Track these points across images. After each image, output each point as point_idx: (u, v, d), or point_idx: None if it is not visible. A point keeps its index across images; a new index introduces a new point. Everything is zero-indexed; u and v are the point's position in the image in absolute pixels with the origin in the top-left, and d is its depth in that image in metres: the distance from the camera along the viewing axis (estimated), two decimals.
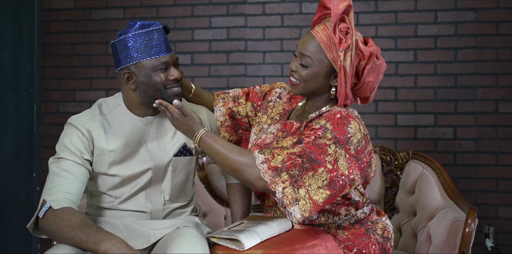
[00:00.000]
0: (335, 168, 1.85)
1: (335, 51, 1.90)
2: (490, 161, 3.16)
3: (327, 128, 1.88)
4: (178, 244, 1.86)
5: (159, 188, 2.12)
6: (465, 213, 2.31)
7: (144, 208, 2.10)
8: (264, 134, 2.10)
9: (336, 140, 1.86)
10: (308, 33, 1.96)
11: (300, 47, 1.95)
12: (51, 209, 1.86)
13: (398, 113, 3.26)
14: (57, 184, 1.93)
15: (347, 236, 2.01)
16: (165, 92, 2.02)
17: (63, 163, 1.97)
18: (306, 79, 1.95)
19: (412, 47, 3.24)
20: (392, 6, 3.26)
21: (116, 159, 2.05)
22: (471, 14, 3.19)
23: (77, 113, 3.43)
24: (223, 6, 3.41)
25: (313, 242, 1.94)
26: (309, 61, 1.93)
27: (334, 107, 1.99)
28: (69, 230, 1.80)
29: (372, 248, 2.01)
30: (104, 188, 2.08)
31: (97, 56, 3.54)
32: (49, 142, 3.59)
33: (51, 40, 3.60)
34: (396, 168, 2.79)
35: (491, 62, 3.17)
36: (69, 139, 2.02)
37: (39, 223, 1.89)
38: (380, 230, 2.07)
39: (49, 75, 3.60)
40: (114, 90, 3.52)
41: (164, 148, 2.11)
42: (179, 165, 2.13)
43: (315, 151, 1.86)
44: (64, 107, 3.58)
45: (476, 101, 3.18)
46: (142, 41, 1.99)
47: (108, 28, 3.53)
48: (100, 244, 1.76)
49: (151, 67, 1.99)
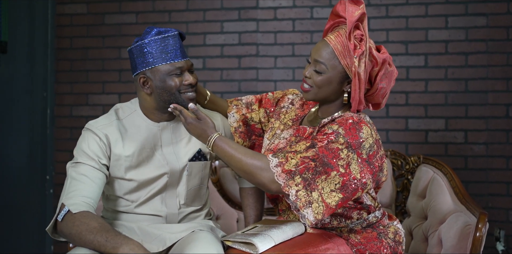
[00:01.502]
0: (347, 172, 1.88)
1: (349, 58, 1.93)
2: (501, 165, 3.17)
3: (340, 133, 1.91)
4: (194, 247, 1.89)
5: (175, 192, 2.15)
6: (476, 217, 2.32)
7: (159, 212, 2.13)
8: (277, 139, 2.13)
9: (348, 144, 1.89)
10: (322, 41, 1.99)
11: (314, 54, 1.98)
12: (69, 212, 1.90)
13: (409, 117, 3.27)
14: (75, 188, 1.96)
15: (359, 240, 2.03)
16: (180, 96, 2.06)
17: (81, 167, 2.01)
18: (320, 85, 1.98)
19: (423, 52, 3.26)
20: (403, 11, 3.28)
21: (132, 164, 2.09)
22: (482, 19, 3.20)
23: (90, 117, 3.54)
24: (235, 11, 3.44)
25: (326, 245, 1.97)
26: (323, 67, 1.96)
27: (347, 112, 2.02)
28: (88, 233, 1.84)
29: (384, 252, 2.03)
30: (120, 192, 2.11)
31: (110, 61, 3.58)
32: (62, 145, 3.63)
33: (64, 45, 3.64)
34: (407, 172, 2.81)
35: (502, 67, 3.18)
36: (87, 144, 2.05)
37: (58, 226, 1.93)
38: (392, 234, 2.10)
39: (63, 79, 3.65)
40: (126, 94, 3.56)
41: (179, 153, 2.14)
42: (194, 169, 2.16)
43: (327, 155, 1.88)
44: (77, 110, 3.62)
45: (487, 106, 3.19)
46: (157, 47, 2.03)
47: (121, 33, 3.57)
48: (119, 248, 1.80)
49: (166, 72, 2.03)
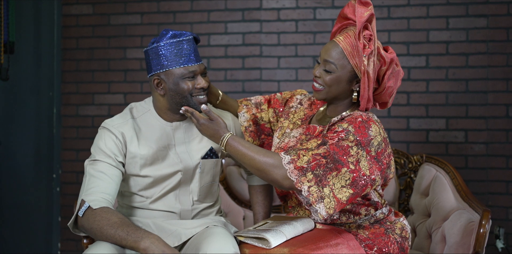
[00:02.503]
0: (357, 168, 1.95)
1: (358, 57, 2.00)
2: (501, 164, 3.23)
3: (350, 130, 1.97)
4: (210, 242, 1.95)
5: (188, 189, 2.22)
6: (479, 214, 2.38)
7: (173, 209, 2.19)
8: (287, 138, 2.20)
9: (358, 142, 1.96)
10: (332, 42, 2.05)
11: (324, 54, 2.04)
12: (90, 208, 1.97)
13: (411, 117, 3.33)
14: (94, 185, 2.03)
15: (368, 236, 2.09)
16: (191, 99, 2.12)
17: (98, 165, 2.07)
18: (330, 84, 2.05)
19: (424, 53, 3.32)
20: (405, 12, 3.34)
21: (147, 162, 2.15)
22: (482, 21, 3.26)
23: (96, 116, 3.58)
24: (238, 12, 3.49)
25: (336, 241, 2.02)
26: (332, 67, 2.03)
27: (355, 111, 2.08)
28: (109, 228, 1.90)
29: (391, 247, 2.09)
30: (135, 188, 2.17)
31: (116, 61, 3.63)
32: (68, 144, 3.67)
33: (70, 45, 3.69)
34: (410, 171, 2.86)
35: (501, 67, 3.24)
36: (104, 142, 2.12)
37: (79, 221, 2.00)
38: (399, 230, 2.15)
39: (69, 79, 3.69)
40: (132, 93, 3.60)
41: (192, 152, 2.21)
42: (206, 167, 2.23)
43: (338, 152, 1.95)
44: (83, 110, 3.67)
45: (487, 106, 3.25)
46: (172, 50, 2.09)
47: (126, 33, 3.62)
48: (140, 242, 1.85)
49: (179, 75, 2.09)
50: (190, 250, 2.06)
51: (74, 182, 3.66)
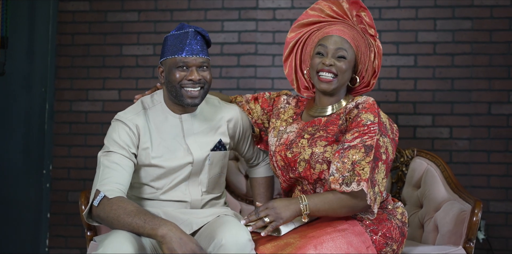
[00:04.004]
0: (387, 156, 2.14)
1: (360, 46, 2.25)
2: (483, 159, 3.41)
3: (375, 121, 2.13)
4: (226, 230, 2.00)
5: (197, 180, 2.28)
6: (470, 204, 2.53)
7: (184, 198, 2.25)
8: (284, 134, 2.31)
9: (380, 132, 2.12)
10: (334, 35, 2.25)
11: (334, 44, 2.23)
12: (106, 198, 2.02)
13: (399, 114, 3.48)
14: (108, 175, 2.09)
15: (372, 221, 2.19)
16: (180, 91, 2.17)
17: (112, 156, 2.13)
18: (345, 70, 2.22)
19: (413, 53, 3.47)
20: (395, 14, 3.48)
21: (158, 153, 2.21)
22: (467, 23, 3.44)
23: (90, 112, 3.63)
24: (235, 11, 3.59)
25: (342, 226, 2.13)
26: (345, 53, 2.21)
27: (363, 97, 2.24)
28: (126, 216, 1.96)
29: (394, 232, 2.21)
30: (147, 179, 2.23)
31: (111, 57, 3.68)
32: (61, 140, 3.70)
33: (65, 41, 3.72)
34: (402, 164, 3.00)
35: (485, 67, 3.42)
36: (118, 134, 2.18)
37: (94, 211, 2.05)
38: (400, 215, 2.27)
39: (63, 75, 3.72)
40: (126, 90, 3.66)
41: (201, 144, 2.27)
42: (215, 159, 2.30)
43: (375, 151, 2.10)
44: (77, 106, 3.71)
45: (470, 104, 3.42)
46: (174, 40, 2.19)
47: (123, 31, 3.67)
48: (158, 229, 1.91)
49: (172, 64, 2.18)
50: (202, 238, 2.11)
51: (66, 178, 3.69)
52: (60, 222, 3.67)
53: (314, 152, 2.19)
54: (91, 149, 3.66)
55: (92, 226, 2.58)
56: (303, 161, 2.21)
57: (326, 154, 2.17)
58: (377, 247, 2.15)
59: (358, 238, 2.12)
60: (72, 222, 3.66)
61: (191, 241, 1.93)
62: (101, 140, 3.59)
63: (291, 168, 2.26)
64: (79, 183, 3.67)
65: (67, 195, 3.68)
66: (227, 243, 1.96)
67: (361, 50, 2.26)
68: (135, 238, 1.99)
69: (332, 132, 2.22)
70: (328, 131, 2.22)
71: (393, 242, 2.19)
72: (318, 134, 2.23)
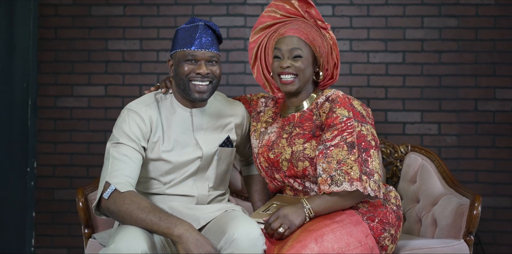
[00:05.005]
0: (375, 141, 2.18)
1: (315, 40, 2.26)
2: (471, 155, 3.46)
3: (350, 116, 2.15)
4: (237, 224, 1.99)
5: (204, 176, 2.26)
6: (468, 198, 2.57)
7: (191, 193, 2.22)
8: (266, 135, 2.33)
9: (359, 122, 2.16)
10: (286, 36, 2.27)
11: (286, 46, 2.25)
12: (117, 191, 1.96)
13: (388, 110, 3.51)
14: (118, 167, 2.03)
15: (368, 208, 2.23)
16: (188, 84, 2.16)
17: (122, 148, 2.08)
18: (303, 68, 2.24)
19: (401, 50, 3.50)
20: (383, 11, 3.51)
21: (168, 147, 2.17)
22: (453, 21, 3.49)
23: (75, 108, 3.54)
24: (223, 6, 3.55)
25: (340, 217, 2.15)
26: (299, 51, 2.24)
27: (331, 90, 2.28)
28: (140, 212, 1.91)
29: (390, 217, 2.24)
30: (154, 174, 2.19)
31: (97, 52, 3.59)
32: (45, 136, 3.60)
33: (48, 35, 3.62)
34: (396, 160, 3.03)
35: (471, 64, 3.48)
36: (128, 125, 2.12)
37: (103, 203, 1.99)
38: (394, 199, 2.32)
39: (46, 69, 3.62)
40: (113, 85, 3.58)
41: (209, 139, 2.25)
42: (223, 155, 2.28)
43: (361, 142, 2.13)
44: (62, 101, 3.61)
45: (458, 100, 3.48)
46: (184, 34, 2.17)
47: (108, 25, 3.59)
48: (174, 228, 1.87)
49: (181, 57, 2.16)
50: (211, 234, 2.09)
51: (51, 175, 3.59)
52: (46, 221, 3.57)
53: (293, 151, 2.21)
54: (77, 146, 3.57)
55: (90, 223, 2.53)
56: (285, 161, 2.24)
57: (306, 151, 2.20)
58: (375, 234, 2.18)
59: (357, 227, 2.14)
60: (58, 221, 3.56)
61: (207, 243, 1.91)
62: (87, 137, 3.57)
63: (275, 168, 2.29)
64: (66, 180, 3.57)
65: (53, 193, 3.57)
66: (239, 237, 1.95)
67: (318, 44, 2.27)
68: (147, 235, 1.94)
69: (308, 128, 2.25)
70: (304, 127, 2.25)
71: (390, 227, 2.22)
72: (295, 132, 2.26)
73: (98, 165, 3.51)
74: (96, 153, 3.56)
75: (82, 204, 2.53)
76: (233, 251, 1.94)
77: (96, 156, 3.56)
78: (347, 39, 3.51)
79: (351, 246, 2.06)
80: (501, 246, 3.44)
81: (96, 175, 3.51)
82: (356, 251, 2.07)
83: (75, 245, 3.53)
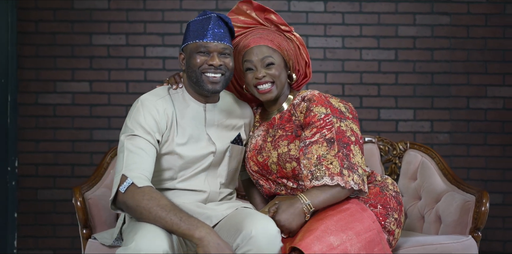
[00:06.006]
0: (355, 136, 2.18)
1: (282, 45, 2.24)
2: (463, 152, 3.46)
3: (328, 112, 2.16)
4: (254, 221, 1.92)
5: (216, 172, 2.19)
6: (472, 195, 2.55)
7: (203, 188, 2.15)
8: (253, 139, 2.34)
9: (338, 118, 2.16)
10: (253, 47, 2.23)
11: (255, 56, 2.21)
12: (134, 185, 1.88)
13: (381, 108, 3.48)
14: (134, 161, 1.94)
15: (368, 196, 2.22)
16: (200, 76, 2.10)
17: (138, 141, 1.99)
18: (278, 74, 2.22)
19: (393, 47, 3.48)
20: (375, 7, 3.48)
21: (182, 141, 2.10)
22: (445, 18, 3.48)
23: (58, 105, 3.39)
24: (212, 0, 3.46)
25: (345, 206, 2.16)
26: (270, 59, 2.21)
27: (307, 90, 2.27)
28: (160, 210, 1.82)
29: (391, 202, 2.24)
30: (166, 168, 2.11)
31: (81, 47, 3.45)
32: (27, 134, 3.44)
33: (28, 29, 3.45)
34: (395, 157, 2.99)
35: (462, 62, 3.48)
36: (143, 117, 2.03)
37: (120, 197, 1.90)
38: (391, 185, 2.32)
39: (27, 65, 3.45)
40: (98, 81, 3.45)
41: (221, 135, 2.19)
42: (234, 152, 2.23)
43: (341, 138, 2.13)
44: (44, 98, 3.45)
45: (450, 98, 3.47)
46: (196, 26, 2.12)
47: (92, 19, 3.45)
48: (195, 230, 1.80)
49: (193, 49, 2.10)
50: (224, 232, 2.01)
51: (33, 174, 3.43)
52: (29, 222, 3.41)
53: (279, 153, 2.21)
54: (61, 144, 3.42)
55: (88, 223, 2.42)
56: (273, 164, 2.24)
57: (291, 152, 2.20)
58: (380, 219, 2.18)
59: (363, 214, 2.14)
60: (42, 222, 3.41)
61: (228, 247, 1.84)
62: (72, 134, 3.42)
63: (266, 171, 2.29)
64: (49, 180, 3.42)
65: (36, 193, 3.42)
66: (258, 234, 1.89)
67: (285, 47, 2.26)
68: (167, 234, 1.85)
69: (290, 129, 2.25)
70: (286, 129, 2.26)
71: (393, 211, 2.22)
72: (278, 135, 2.26)
73: (84, 163, 3.40)
74: (81, 152, 3.42)
75: (80, 204, 2.40)
76: (251, 249, 1.88)
77: (82, 155, 3.43)
78: (339, 36, 3.47)
79: (361, 233, 2.07)
80: (493, 242, 3.45)
81: (82, 174, 3.38)
82: (365, 236, 2.07)
83: (60, 246, 3.39)
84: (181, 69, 2.20)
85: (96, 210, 2.52)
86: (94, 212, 2.50)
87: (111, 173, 2.70)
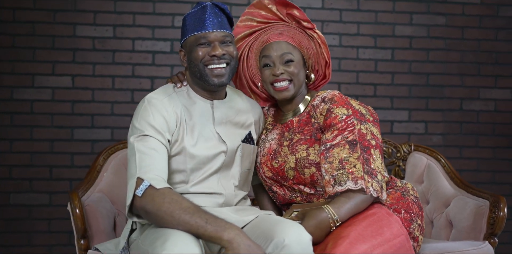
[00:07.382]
0: (376, 140, 2.08)
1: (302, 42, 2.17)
2: (455, 154, 3.45)
3: (350, 114, 2.07)
4: (286, 229, 1.81)
5: (229, 173, 2.08)
6: (486, 199, 2.51)
7: (218, 190, 2.03)
8: (267, 143, 2.23)
9: (359, 120, 2.07)
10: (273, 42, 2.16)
11: (275, 52, 2.13)
12: (152, 188, 1.75)
13: (377, 108, 3.41)
14: (147, 163, 1.82)
15: (390, 201, 2.14)
16: (204, 70, 1.99)
17: (149, 141, 1.87)
18: (297, 72, 2.13)
19: (390, 46, 3.43)
20: (372, 5, 3.42)
21: (192, 141, 1.99)
22: (441, 19, 3.46)
23: (36, 101, 3.15)
24: None
25: (371, 211, 2.07)
26: (290, 56, 2.13)
27: (327, 91, 2.19)
28: (183, 213, 1.71)
29: (413, 207, 2.17)
30: (177, 170, 1.98)
31: (63, 38, 3.22)
32: (0, 133, 3.17)
33: (4, 17, 3.19)
34: (398, 159, 2.92)
35: (457, 63, 3.47)
36: (152, 117, 1.91)
37: (137, 203, 1.76)
38: (411, 190, 2.24)
39: (2, 56, 3.20)
40: (81, 76, 3.24)
41: (231, 133, 2.08)
42: (246, 151, 2.12)
43: (361, 141, 2.04)
44: (20, 93, 3.19)
45: (444, 99, 3.45)
46: (192, 18, 2.01)
47: (76, 8, 3.23)
48: (223, 232, 1.69)
49: (193, 42, 1.99)
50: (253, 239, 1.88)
51: (7, 177, 3.17)
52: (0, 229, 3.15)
53: (297, 158, 2.12)
54: (38, 144, 3.19)
55: (86, 233, 2.21)
56: (290, 169, 2.14)
57: (311, 157, 2.11)
58: (405, 225, 2.11)
59: (390, 219, 2.06)
60: (15, 229, 3.16)
61: (259, 249, 1.73)
62: (51, 133, 3.18)
63: (281, 177, 2.18)
64: (24, 183, 3.17)
65: (9, 197, 3.16)
66: (291, 242, 1.78)
67: (305, 45, 2.20)
68: (195, 239, 1.73)
69: (308, 132, 2.15)
70: (305, 132, 2.16)
71: (416, 216, 2.16)
72: (296, 139, 2.16)
73: (64, 165, 3.18)
74: (61, 152, 3.20)
75: (79, 211, 2.19)
76: None
77: (62, 155, 3.20)
78: (336, 34, 3.38)
79: (391, 238, 2.00)
80: None
81: (62, 177, 3.16)
82: (395, 242, 2.01)
83: None
84: (183, 66, 2.08)
85: (94, 218, 2.31)
86: (92, 220, 2.30)
87: (104, 177, 2.51)
